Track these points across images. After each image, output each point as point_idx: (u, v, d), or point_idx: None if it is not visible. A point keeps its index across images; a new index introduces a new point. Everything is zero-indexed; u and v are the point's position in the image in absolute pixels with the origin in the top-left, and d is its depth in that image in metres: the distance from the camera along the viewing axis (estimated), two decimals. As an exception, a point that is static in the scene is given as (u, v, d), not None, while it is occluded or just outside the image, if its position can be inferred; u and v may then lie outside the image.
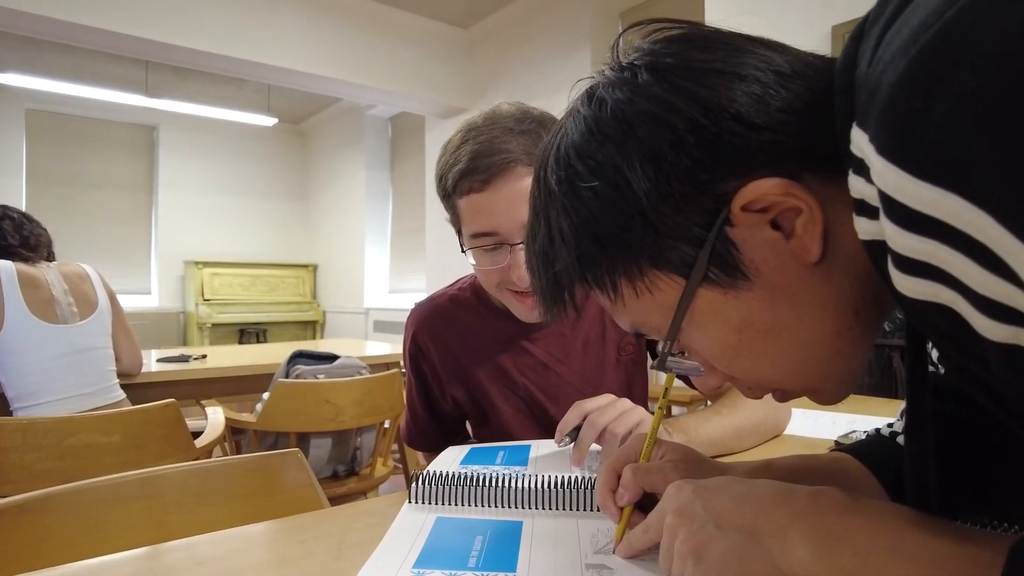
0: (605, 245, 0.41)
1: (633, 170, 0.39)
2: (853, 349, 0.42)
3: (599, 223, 0.41)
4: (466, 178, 0.83)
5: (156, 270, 6.73)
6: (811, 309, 0.40)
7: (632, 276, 0.42)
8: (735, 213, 0.38)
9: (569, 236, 0.42)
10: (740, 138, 0.37)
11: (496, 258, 0.85)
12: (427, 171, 5.46)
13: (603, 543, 0.55)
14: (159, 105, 5.47)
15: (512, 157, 0.82)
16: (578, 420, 0.74)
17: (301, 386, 1.79)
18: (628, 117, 0.40)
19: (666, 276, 0.41)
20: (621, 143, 0.40)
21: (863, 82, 0.31)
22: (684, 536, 0.41)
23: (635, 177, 0.39)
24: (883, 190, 0.28)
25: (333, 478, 1.97)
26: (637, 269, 0.41)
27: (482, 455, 0.78)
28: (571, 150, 0.42)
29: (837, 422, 1.05)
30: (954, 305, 0.27)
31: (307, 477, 0.94)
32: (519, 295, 0.88)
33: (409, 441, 1.11)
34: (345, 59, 4.41)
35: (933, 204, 0.25)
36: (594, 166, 0.40)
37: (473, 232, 0.85)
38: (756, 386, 0.46)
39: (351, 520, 0.66)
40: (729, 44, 0.41)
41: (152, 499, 0.85)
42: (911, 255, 0.28)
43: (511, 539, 0.56)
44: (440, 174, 0.89)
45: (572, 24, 4.13)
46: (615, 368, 1.01)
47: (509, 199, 0.81)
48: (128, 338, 2.02)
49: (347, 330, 6.82)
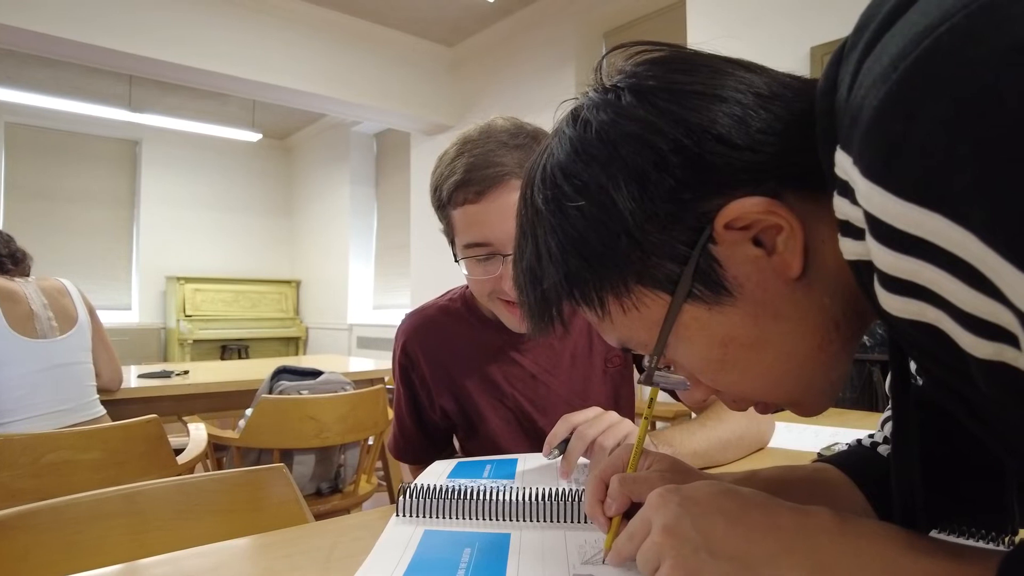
0: (592, 263, 0.42)
1: (618, 189, 0.40)
2: (834, 361, 0.43)
3: (586, 241, 0.42)
4: (461, 190, 0.85)
5: (137, 286, 6.65)
6: (793, 323, 0.41)
7: (619, 293, 0.43)
8: (718, 231, 0.39)
9: (556, 254, 0.43)
10: (722, 158, 0.39)
11: (488, 268, 0.87)
12: (412, 187, 5.47)
13: (591, 554, 0.55)
14: (142, 120, 5.44)
15: (506, 170, 0.83)
16: (566, 433, 0.75)
17: (285, 402, 1.78)
18: (612, 138, 0.41)
19: (652, 293, 0.42)
20: (606, 163, 0.41)
21: (844, 107, 0.32)
22: (674, 561, 0.41)
23: (620, 196, 0.40)
24: (868, 211, 0.29)
25: (316, 495, 1.95)
26: (624, 286, 0.42)
27: (469, 469, 0.79)
28: (557, 170, 0.43)
29: (820, 434, 1.07)
30: (939, 324, 0.28)
31: (292, 492, 0.93)
32: (510, 305, 0.89)
33: (397, 454, 1.11)
34: (330, 76, 4.43)
35: (917, 224, 0.26)
36: (580, 185, 0.41)
37: (467, 242, 0.87)
38: (740, 399, 0.47)
39: (338, 534, 0.66)
40: (709, 66, 0.42)
41: (134, 515, 0.84)
42: (897, 274, 0.28)
43: (499, 551, 0.56)
44: (435, 185, 0.90)
45: (556, 44, 4.19)
46: (602, 380, 1.03)
47: (502, 211, 0.83)
48: (108, 353, 2.00)
49: (330, 346, 6.77)
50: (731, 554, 0.40)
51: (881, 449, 0.59)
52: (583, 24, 4.10)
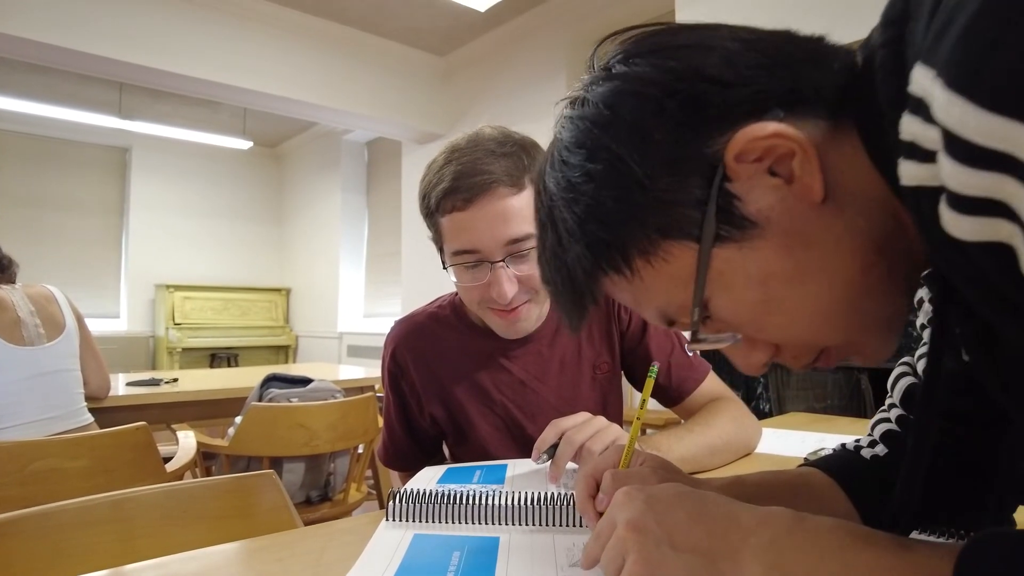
0: (610, 225, 0.42)
1: (622, 145, 0.40)
2: (883, 289, 0.42)
3: (601, 205, 0.42)
4: (449, 197, 0.85)
5: (125, 293, 6.60)
6: (829, 248, 0.40)
7: (645, 251, 0.42)
8: (730, 166, 0.39)
9: (575, 228, 0.43)
10: (717, 96, 0.39)
11: (477, 275, 0.88)
12: (403, 196, 5.47)
13: (578, 556, 0.56)
14: (132, 127, 5.42)
15: (494, 178, 0.84)
16: (555, 438, 0.75)
17: (274, 410, 1.77)
18: (610, 102, 0.42)
19: (678, 244, 0.41)
20: (607, 125, 0.41)
21: (924, 30, 0.31)
22: (636, 556, 0.41)
23: (626, 151, 0.40)
24: (947, 126, 0.28)
25: (306, 504, 1.94)
26: (648, 243, 0.42)
27: (459, 474, 0.79)
28: (563, 150, 0.44)
29: (806, 440, 1.08)
30: (1012, 240, 0.27)
31: (282, 499, 0.93)
32: (499, 312, 0.90)
33: (386, 461, 1.11)
34: (322, 84, 4.44)
35: (1002, 136, 0.25)
36: (586, 154, 0.42)
37: (455, 250, 0.87)
38: (799, 347, 0.45)
39: (328, 538, 0.66)
40: (695, 28, 0.44)
41: (121, 522, 0.83)
42: (972, 192, 0.28)
43: (488, 554, 0.57)
44: (424, 193, 0.91)
45: (547, 54, 4.22)
46: (590, 386, 1.03)
47: (490, 218, 0.84)
48: (96, 360, 1.98)
49: (320, 355, 6.74)
50: (693, 548, 0.41)
51: (865, 452, 0.60)
52: (574, 35, 4.13)
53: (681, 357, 1.02)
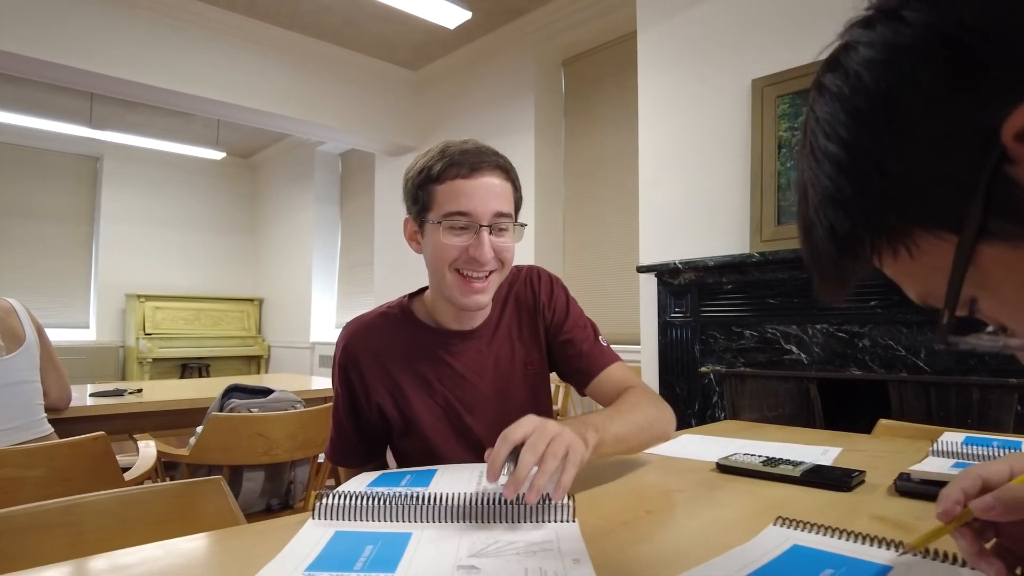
0: (849, 212, 0.38)
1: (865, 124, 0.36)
2: None
3: (840, 190, 0.37)
4: (454, 167, 0.99)
5: (95, 303, 6.54)
6: None
7: (891, 238, 0.37)
8: (1010, 146, 0.31)
9: (817, 208, 0.40)
10: (998, 55, 0.31)
11: (462, 237, 1.00)
12: (377, 207, 5.52)
13: (479, 548, 0.63)
14: (103, 136, 5.41)
15: (493, 161, 1.02)
16: (508, 451, 0.72)
17: (234, 419, 1.81)
18: (854, 68, 0.36)
19: (933, 235, 0.35)
20: (848, 97, 0.37)
21: None
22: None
23: (868, 129, 0.36)
24: None
25: (267, 511, 1.98)
26: (894, 232, 0.37)
27: (389, 479, 0.85)
28: (811, 113, 0.40)
29: (728, 447, 1.15)
30: None
31: (227, 503, 0.98)
32: (465, 279, 1.02)
33: (333, 457, 1.17)
34: (295, 97, 4.48)
35: None
36: (829, 124, 0.38)
37: (449, 211, 0.99)
38: None
39: (259, 535, 0.71)
40: None
41: (71, 527, 0.87)
42: None
43: (398, 547, 0.63)
44: (423, 166, 1.03)
45: (516, 71, 4.31)
46: (523, 381, 1.14)
47: (486, 189, 0.99)
48: (57, 372, 2.00)
49: (292, 365, 6.73)
50: None
51: None
52: (542, 53, 4.24)
53: (594, 345, 1.14)
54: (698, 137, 2.84)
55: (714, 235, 2.74)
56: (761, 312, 2.53)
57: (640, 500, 0.82)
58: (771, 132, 2.58)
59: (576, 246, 4.18)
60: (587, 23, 3.93)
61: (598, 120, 4.11)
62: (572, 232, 4.22)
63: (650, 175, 3.01)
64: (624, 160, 3.78)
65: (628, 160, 3.67)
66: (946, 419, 2.15)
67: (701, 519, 0.74)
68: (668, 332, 2.81)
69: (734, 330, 2.62)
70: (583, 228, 4.15)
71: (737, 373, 2.64)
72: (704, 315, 2.69)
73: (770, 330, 2.52)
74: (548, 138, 4.26)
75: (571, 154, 4.28)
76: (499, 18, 4.19)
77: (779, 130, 2.57)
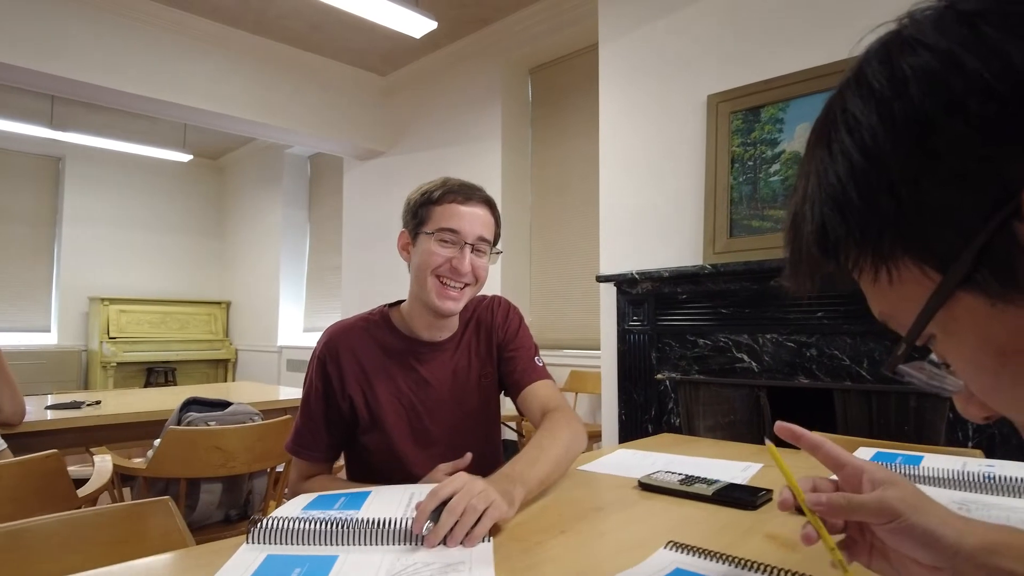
0: (847, 217, 0.36)
1: (891, 134, 0.34)
2: None
3: (844, 190, 0.36)
4: (452, 193, 1.20)
5: (57, 306, 6.44)
6: None
7: (879, 259, 0.36)
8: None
9: (814, 199, 0.39)
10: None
11: (450, 249, 1.18)
12: (345, 210, 5.53)
13: (397, 569, 0.68)
14: (64, 137, 5.33)
15: (481, 195, 1.23)
16: (435, 505, 0.77)
17: (192, 433, 1.84)
18: (901, 73, 0.34)
19: (917, 267, 0.35)
20: (886, 101, 0.34)
21: None
22: None
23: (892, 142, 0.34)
24: None
25: (225, 522, 2.00)
26: (885, 252, 0.36)
27: (324, 501, 0.90)
28: (838, 98, 0.38)
29: (656, 462, 1.21)
30: None
31: (175, 523, 1.02)
32: (444, 286, 1.18)
33: (293, 448, 1.25)
34: (263, 101, 4.48)
35: None
36: (853, 124, 0.36)
37: (442, 227, 1.18)
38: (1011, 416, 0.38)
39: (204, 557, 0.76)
40: None
41: (18, 551, 0.89)
42: None
43: (324, 568, 0.68)
44: (426, 190, 1.22)
45: (484, 78, 4.36)
46: (476, 391, 1.27)
47: (474, 216, 1.20)
48: (9, 387, 1.99)
49: (260, 368, 6.70)
50: None
51: None
52: (509, 61, 4.29)
53: (530, 363, 1.29)
54: (655, 150, 2.92)
55: (670, 246, 2.82)
56: (714, 321, 2.62)
57: (559, 519, 0.87)
58: (725, 147, 2.67)
59: (542, 252, 4.24)
60: (553, 33, 4.00)
61: (565, 128, 4.18)
62: (538, 238, 4.28)
63: (609, 186, 3.09)
64: (589, 168, 3.85)
65: (593, 168, 3.75)
66: (886, 425, 2.25)
67: (607, 540, 0.79)
68: (627, 339, 2.89)
69: (689, 338, 2.70)
70: (549, 234, 4.21)
71: (692, 380, 2.73)
72: (661, 323, 2.78)
73: (723, 339, 2.61)
74: (515, 144, 4.32)
75: (538, 161, 4.34)
76: (466, 27, 4.24)
77: (732, 145, 2.66)
